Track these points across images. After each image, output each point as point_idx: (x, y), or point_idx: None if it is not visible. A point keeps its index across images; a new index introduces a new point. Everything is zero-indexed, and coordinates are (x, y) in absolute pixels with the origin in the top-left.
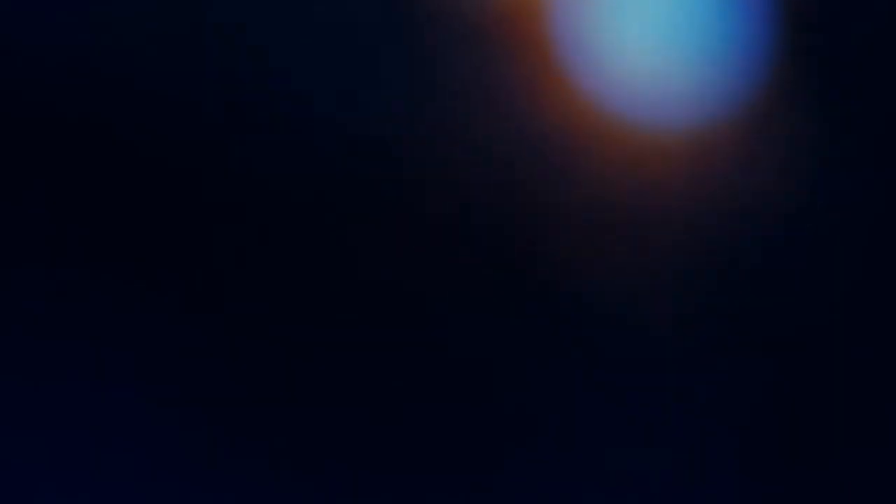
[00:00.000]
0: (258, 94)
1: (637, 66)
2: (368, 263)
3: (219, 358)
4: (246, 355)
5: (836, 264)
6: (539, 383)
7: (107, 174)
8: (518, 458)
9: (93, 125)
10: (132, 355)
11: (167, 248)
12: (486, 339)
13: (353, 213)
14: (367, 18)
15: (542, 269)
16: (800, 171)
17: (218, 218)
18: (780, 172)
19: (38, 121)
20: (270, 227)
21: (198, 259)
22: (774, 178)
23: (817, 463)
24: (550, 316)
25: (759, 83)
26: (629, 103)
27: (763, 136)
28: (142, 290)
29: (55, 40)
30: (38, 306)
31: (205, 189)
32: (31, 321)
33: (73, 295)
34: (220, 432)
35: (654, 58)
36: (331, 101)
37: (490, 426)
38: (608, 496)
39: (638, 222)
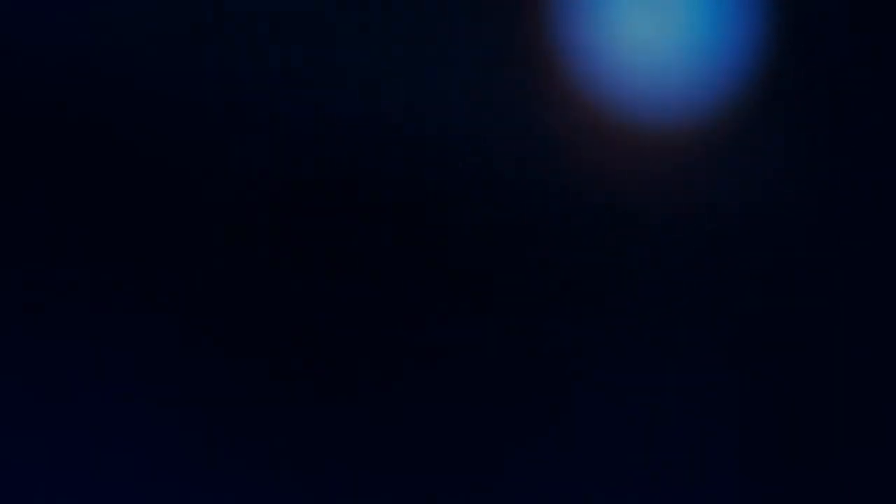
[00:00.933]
0: (258, 94)
1: (635, 64)
2: (369, 263)
3: (219, 358)
4: (246, 355)
5: (836, 263)
6: (539, 383)
7: (107, 174)
8: (518, 458)
9: (93, 125)
10: (132, 355)
11: (167, 248)
12: (487, 339)
13: (353, 212)
14: (367, 18)
15: (541, 267)
16: (797, 170)
17: (218, 218)
18: (778, 172)
19: (38, 121)
20: (270, 227)
21: (198, 259)
22: (772, 178)
23: (817, 463)
24: (550, 315)
25: (757, 82)
26: (627, 102)
27: (761, 136)
28: (142, 290)
29: (55, 40)
30: (38, 306)
31: (205, 189)
32: (31, 321)
33: (73, 295)
34: (220, 432)
35: (652, 56)
36: (332, 100)
37: (490, 426)
38: (608, 496)
39: (635, 221)
